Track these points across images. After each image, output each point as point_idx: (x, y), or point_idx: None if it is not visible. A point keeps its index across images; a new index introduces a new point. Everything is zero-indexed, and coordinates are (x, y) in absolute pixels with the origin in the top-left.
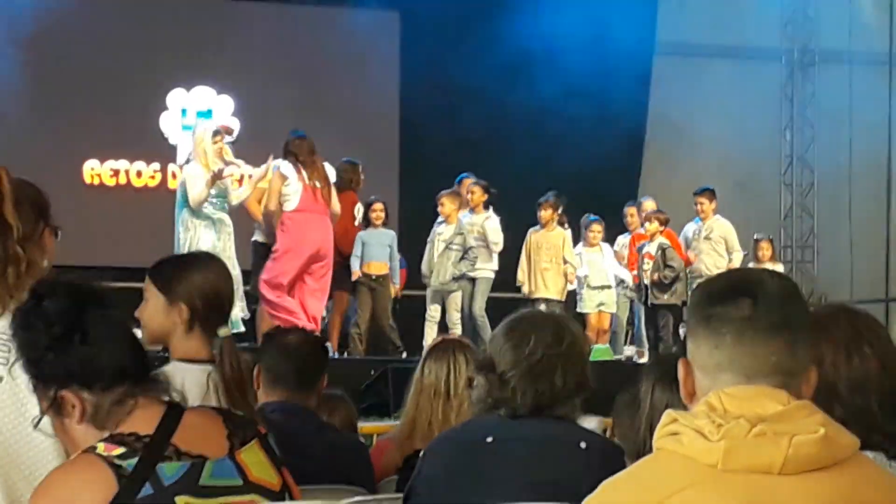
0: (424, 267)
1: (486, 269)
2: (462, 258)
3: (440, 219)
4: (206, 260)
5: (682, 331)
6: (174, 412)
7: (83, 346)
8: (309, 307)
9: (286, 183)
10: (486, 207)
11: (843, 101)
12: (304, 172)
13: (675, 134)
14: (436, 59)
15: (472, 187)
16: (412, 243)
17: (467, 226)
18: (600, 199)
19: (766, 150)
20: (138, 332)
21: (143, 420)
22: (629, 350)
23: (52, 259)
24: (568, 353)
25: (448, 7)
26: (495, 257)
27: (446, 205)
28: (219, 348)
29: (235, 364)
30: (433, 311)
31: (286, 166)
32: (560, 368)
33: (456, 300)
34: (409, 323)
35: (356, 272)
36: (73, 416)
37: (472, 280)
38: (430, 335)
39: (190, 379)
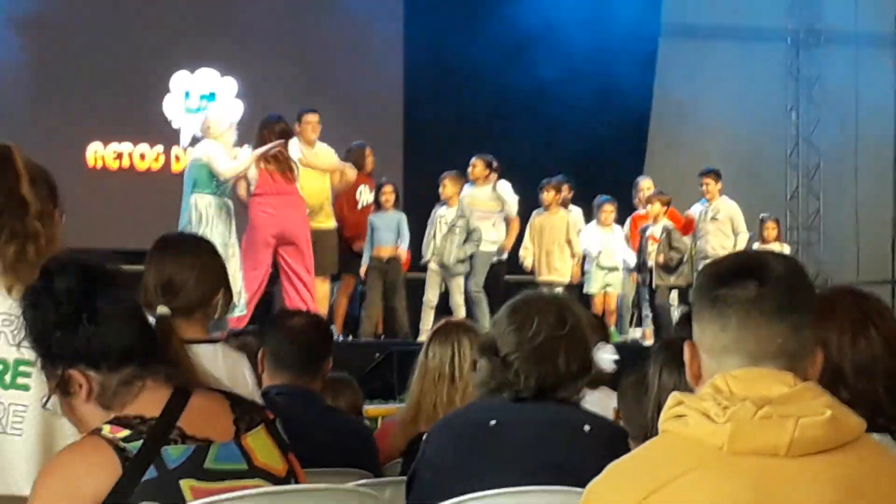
0: (425, 249)
1: (486, 242)
2: (466, 240)
3: (441, 200)
4: (200, 244)
5: (676, 313)
6: (181, 395)
7: (91, 325)
8: (291, 296)
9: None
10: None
11: (849, 81)
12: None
13: (680, 115)
14: (439, 41)
15: (473, 161)
16: (417, 225)
17: (467, 198)
18: (605, 181)
19: (771, 132)
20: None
21: (150, 402)
22: (636, 332)
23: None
24: (571, 336)
25: None
26: (494, 232)
27: (448, 186)
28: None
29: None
30: (431, 296)
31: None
32: (563, 351)
33: (460, 283)
34: (413, 305)
35: (365, 265)
36: (79, 396)
37: (471, 255)
38: (428, 322)
39: (206, 359)
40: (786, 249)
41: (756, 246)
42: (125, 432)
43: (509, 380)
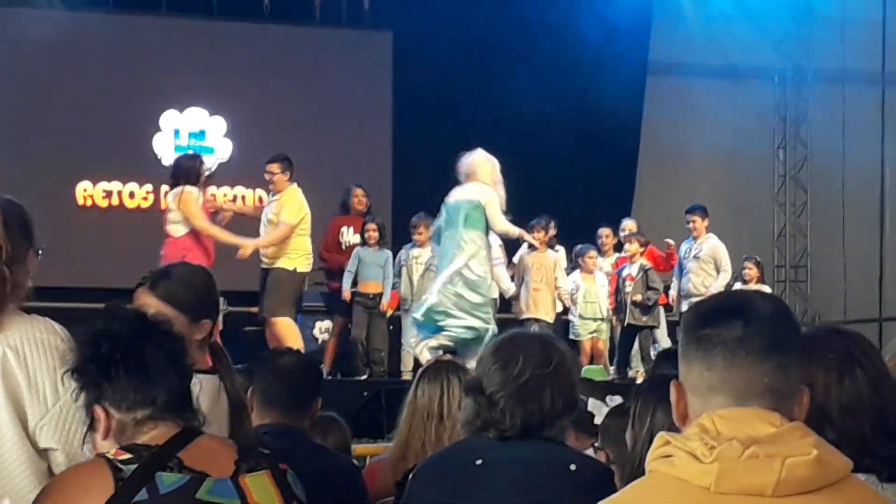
0: (405, 293)
1: None
2: None
3: (411, 243)
4: (199, 268)
5: (653, 352)
6: (189, 432)
7: (122, 370)
8: None
9: None
10: None
11: (836, 120)
12: None
13: (668, 153)
14: (428, 80)
15: None
16: None
17: None
18: (594, 219)
19: (759, 170)
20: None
21: (159, 437)
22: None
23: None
24: (556, 373)
25: (440, 28)
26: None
27: (424, 233)
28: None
29: (233, 371)
30: (412, 339)
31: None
32: (549, 389)
33: None
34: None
35: (346, 291)
36: (98, 431)
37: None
38: (409, 360)
39: (204, 389)
40: (766, 290)
41: (737, 286)
42: (127, 456)
43: (495, 418)
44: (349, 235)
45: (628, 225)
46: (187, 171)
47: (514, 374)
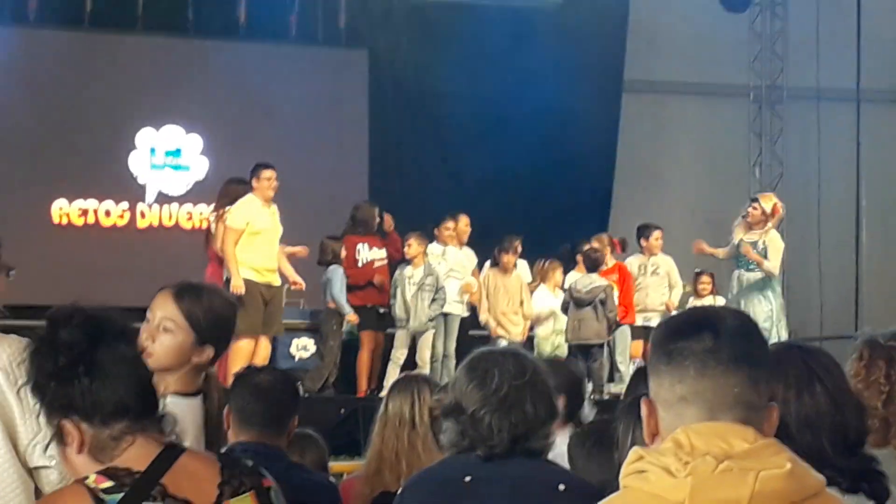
0: (399, 311)
1: (459, 305)
2: (434, 300)
3: (405, 262)
4: (231, 301)
5: (632, 367)
6: (170, 453)
7: (86, 379)
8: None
9: None
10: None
11: (812, 137)
12: None
13: (644, 171)
14: (403, 98)
15: (447, 223)
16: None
17: (451, 259)
18: (571, 235)
19: (734, 187)
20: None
21: (139, 457)
22: (609, 387)
23: None
24: (533, 382)
25: (415, 47)
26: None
27: (413, 246)
28: (206, 381)
29: (222, 396)
30: (400, 354)
31: None
32: (528, 398)
33: (428, 340)
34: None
35: (352, 315)
36: (71, 447)
37: (445, 316)
38: (393, 377)
39: (189, 412)
40: (720, 302)
41: (691, 301)
42: (108, 483)
43: (482, 435)
44: (365, 252)
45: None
46: (231, 193)
47: (493, 389)
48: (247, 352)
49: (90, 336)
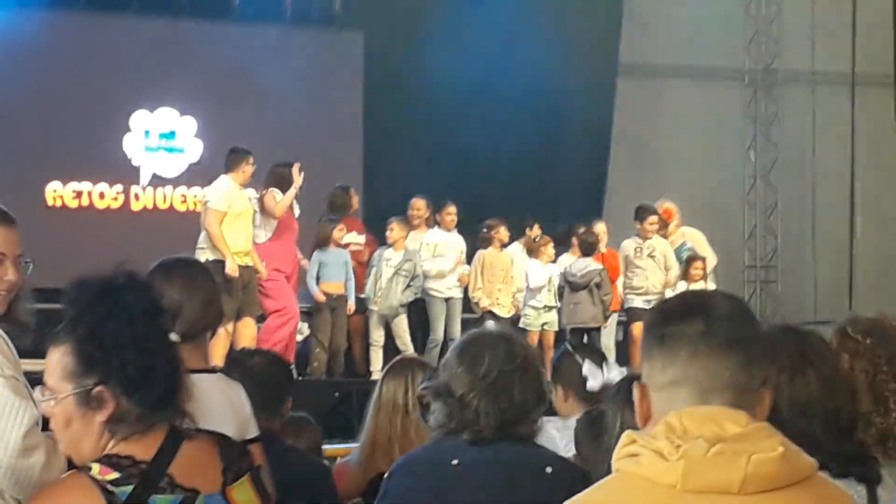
0: (370, 291)
1: (459, 290)
2: (408, 286)
3: (387, 245)
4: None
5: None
6: (174, 439)
7: (149, 355)
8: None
9: None
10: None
11: (807, 121)
12: None
13: (639, 155)
14: (399, 80)
15: (450, 208)
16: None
17: (443, 244)
18: (565, 219)
19: (729, 170)
20: None
21: (144, 444)
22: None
23: None
24: (523, 368)
25: (410, 28)
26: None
27: (395, 230)
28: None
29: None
30: (377, 337)
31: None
32: (518, 384)
33: (402, 323)
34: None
35: (318, 294)
36: (98, 414)
37: (447, 300)
38: (377, 360)
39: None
40: (711, 287)
41: (682, 285)
42: (114, 475)
43: (470, 419)
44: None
45: (599, 228)
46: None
47: (482, 374)
48: (225, 339)
49: (153, 307)
